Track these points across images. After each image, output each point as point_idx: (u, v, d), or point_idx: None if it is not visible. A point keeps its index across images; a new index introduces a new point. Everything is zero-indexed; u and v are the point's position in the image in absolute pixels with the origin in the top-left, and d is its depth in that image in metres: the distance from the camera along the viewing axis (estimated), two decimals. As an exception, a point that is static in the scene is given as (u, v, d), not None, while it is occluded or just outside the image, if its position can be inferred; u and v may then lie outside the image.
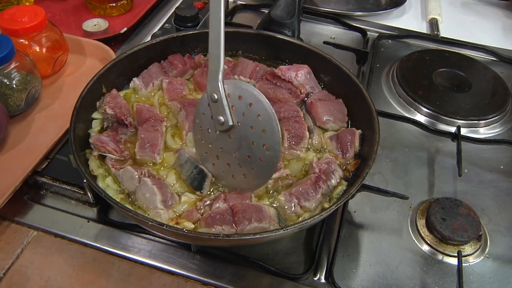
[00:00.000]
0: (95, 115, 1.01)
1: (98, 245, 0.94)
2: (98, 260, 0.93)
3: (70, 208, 1.00)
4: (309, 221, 0.79)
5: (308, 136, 1.01)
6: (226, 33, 1.18)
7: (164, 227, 0.75)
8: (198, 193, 0.89)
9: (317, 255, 0.93)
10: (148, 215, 0.84)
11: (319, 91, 1.11)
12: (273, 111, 0.81)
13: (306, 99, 1.09)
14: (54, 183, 1.00)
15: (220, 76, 0.84)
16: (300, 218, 0.88)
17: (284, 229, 0.77)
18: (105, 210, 1.00)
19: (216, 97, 0.85)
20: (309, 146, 1.01)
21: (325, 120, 1.03)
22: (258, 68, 1.14)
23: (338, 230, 0.97)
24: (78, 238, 0.95)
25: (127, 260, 0.93)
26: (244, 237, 0.77)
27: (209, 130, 0.90)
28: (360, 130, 1.01)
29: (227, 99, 0.85)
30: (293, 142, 0.99)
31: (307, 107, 1.07)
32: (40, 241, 0.95)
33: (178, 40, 1.14)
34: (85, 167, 0.89)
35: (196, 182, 0.90)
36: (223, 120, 0.86)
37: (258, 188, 0.90)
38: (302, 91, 1.08)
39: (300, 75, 1.10)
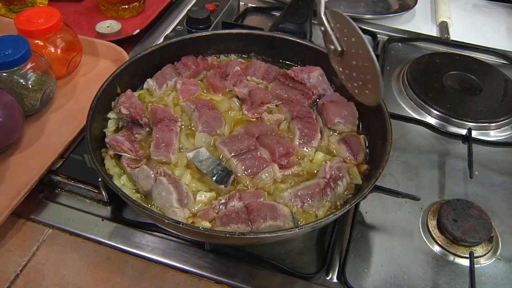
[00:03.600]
0: (110, 115, 1.03)
1: (112, 243, 0.95)
2: (113, 258, 0.94)
3: (85, 206, 1.01)
4: (323, 220, 0.79)
5: (320, 136, 1.02)
6: (239, 34, 1.20)
7: (181, 225, 0.76)
8: (221, 186, 0.90)
9: (329, 255, 0.94)
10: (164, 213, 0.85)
11: (331, 93, 1.11)
12: (365, 39, 0.88)
13: (317, 100, 1.10)
14: (69, 182, 1.01)
15: (322, 10, 0.93)
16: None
17: (299, 228, 0.78)
18: (119, 209, 1.01)
19: (322, 29, 0.95)
20: (318, 148, 1.02)
21: (336, 122, 1.04)
22: (270, 69, 1.16)
23: (350, 230, 0.98)
24: (92, 236, 0.96)
25: (141, 259, 0.94)
26: (259, 235, 0.78)
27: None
28: (363, 135, 1.03)
29: (332, 29, 0.94)
30: (303, 141, 1.00)
31: (319, 109, 1.08)
32: (55, 238, 0.96)
33: (191, 41, 1.16)
34: (101, 166, 0.90)
35: (220, 177, 0.91)
36: (333, 48, 0.94)
37: (376, 103, 0.94)
38: (314, 92, 1.10)
39: (312, 76, 1.11)
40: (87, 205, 1.02)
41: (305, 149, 1.00)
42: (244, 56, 1.23)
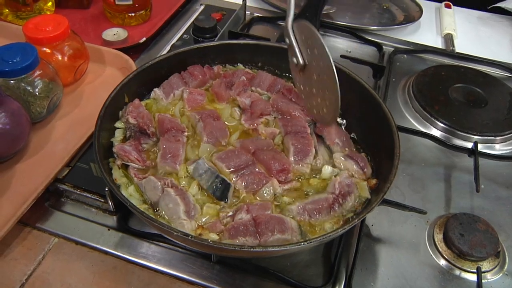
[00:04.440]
0: (118, 124, 1.03)
1: (119, 254, 0.95)
2: (119, 268, 0.93)
3: (91, 216, 1.01)
4: (331, 234, 0.79)
5: (314, 152, 1.00)
6: (247, 45, 1.20)
7: (190, 238, 0.76)
8: (222, 203, 0.90)
9: (335, 267, 0.93)
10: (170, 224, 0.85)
11: None
12: (328, 49, 0.87)
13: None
14: (75, 191, 1.01)
15: (289, 23, 0.94)
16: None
17: (308, 241, 0.77)
18: (125, 219, 1.00)
19: (287, 41, 0.96)
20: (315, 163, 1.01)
21: (336, 142, 1.03)
22: (276, 82, 1.16)
23: (357, 243, 0.97)
24: (98, 246, 0.96)
25: (147, 269, 0.93)
26: (268, 249, 0.78)
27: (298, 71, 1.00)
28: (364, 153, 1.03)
29: (297, 43, 0.95)
30: (299, 158, 0.99)
31: (320, 127, 1.06)
32: (61, 248, 0.96)
33: (199, 51, 1.16)
34: (109, 176, 0.90)
35: (219, 192, 0.91)
36: (295, 61, 0.96)
37: (332, 122, 0.99)
38: None
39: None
40: (93, 214, 1.01)
41: (300, 166, 0.98)
42: (252, 66, 1.23)
